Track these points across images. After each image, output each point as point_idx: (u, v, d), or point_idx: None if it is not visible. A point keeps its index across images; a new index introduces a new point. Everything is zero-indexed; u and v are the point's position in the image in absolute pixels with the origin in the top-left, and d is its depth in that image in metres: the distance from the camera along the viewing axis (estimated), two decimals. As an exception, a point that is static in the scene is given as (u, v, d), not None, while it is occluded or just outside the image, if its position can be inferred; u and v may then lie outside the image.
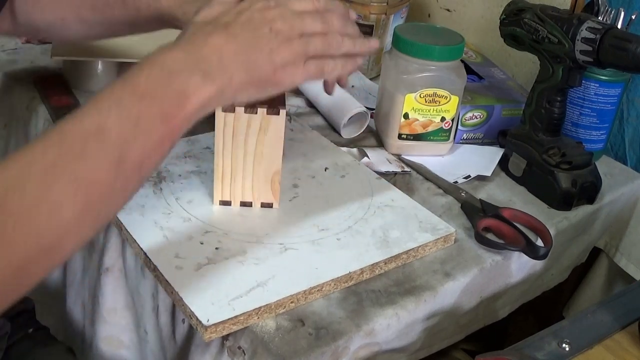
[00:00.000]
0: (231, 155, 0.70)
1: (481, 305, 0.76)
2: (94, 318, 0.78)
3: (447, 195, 0.84)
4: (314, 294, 0.64)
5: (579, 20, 0.79)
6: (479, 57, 1.10)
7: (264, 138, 0.69)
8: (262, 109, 0.67)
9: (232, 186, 0.72)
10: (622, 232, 0.95)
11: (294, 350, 0.59)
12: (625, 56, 0.74)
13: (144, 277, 0.70)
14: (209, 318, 0.58)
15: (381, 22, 1.08)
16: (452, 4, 1.21)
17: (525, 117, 0.88)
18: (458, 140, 0.95)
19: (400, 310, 0.65)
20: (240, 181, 0.72)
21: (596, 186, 0.86)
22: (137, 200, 0.72)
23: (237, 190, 0.72)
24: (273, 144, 0.69)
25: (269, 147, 0.69)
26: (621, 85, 0.90)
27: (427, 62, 0.86)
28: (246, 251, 0.67)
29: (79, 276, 0.82)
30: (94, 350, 0.79)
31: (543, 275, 0.85)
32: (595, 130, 0.93)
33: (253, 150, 0.69)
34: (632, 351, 0.57)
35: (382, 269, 0.69)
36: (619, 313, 0.61)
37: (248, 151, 0.69)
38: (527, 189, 0.87)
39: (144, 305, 0.71)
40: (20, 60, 1.09)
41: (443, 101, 0.87)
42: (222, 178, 0.71)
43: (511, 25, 0.87)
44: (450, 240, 0.74)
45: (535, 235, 0.78)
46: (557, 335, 0.57)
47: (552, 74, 0.84)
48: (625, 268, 0.95)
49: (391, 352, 0.68)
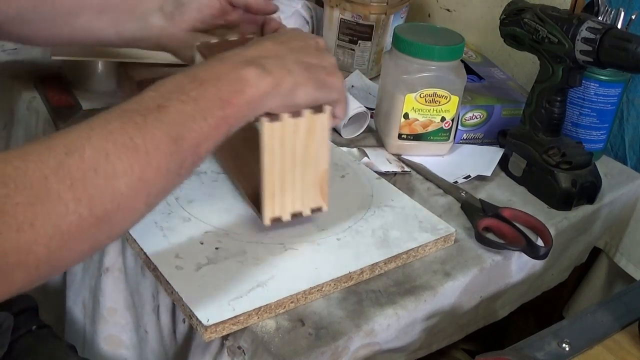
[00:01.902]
0: (280, 168, 0.64)
1: (481, 305, 0.76)
2: (94, 318, 0.78)
3: (447, 195, 0.84)
4: (314, 294, 0.64)
5: (579, 20, 0.79)
6: (479, 57, 1.10)
7: (311, 140, 0.64)
8: (307, 110, 0.63)
9: (282, 200, 0.66)
10: (622, 232, 0.95)
11: (294, 350, 0.59)
12: (625, 56, 0.74)
13: (144, 277, 0.70)
14: (209, 318, 0.58)
15: (381, 22, 1.08)
16: (452, 4, 1.21)
17: (525, 117, 0.88)
18: (458, 140, 0.95)
19: (400, 310, 0.65)
20: (290, 192, 0.66)
21: (596, 186, 0.86)
22: (137, 200, 0.72)
23: (288, 202, 0.67)
24: (320, 144, 0.65)
25: (316, 149, 0.65)
26: (621, 85, 0.90)
27: (427, 62, 0.86)
28: (246, 251, 0.67)
29: (79, 276, 0.82)
30: (95, 350, 0.79)
31: (543, 275, 0.85)
32: (595, 130, 0.93)
33: (302, 156, 0.65)
34: (632, 351, 0.57)
35: (382, 269, 0.69)
36: (619, 313, 0.61)
37: (297, 159, 0.65)
38: (527, 189, 0.87)
39: (144, 305, 0.71)
40: (20, 60, 1.09)
41: (443, 101, 0.87)
42: (273, 195, 0.66)
43: (511, 25, 0.87)
44: (450, 240, 0.74)
45: (535, 235, 0.78)
46: (557, 335, 0.57)
47: (552, 74, 0.84)
48: (625, 268, 0.95)
49: (391, 352, 0.68)
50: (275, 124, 0.61)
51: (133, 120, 0.48)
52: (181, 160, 0.51)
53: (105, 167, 0.46)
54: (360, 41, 1.09)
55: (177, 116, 0.50)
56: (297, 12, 1.19)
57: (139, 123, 0.48)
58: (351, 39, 1.09)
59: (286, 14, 1.18)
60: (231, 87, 0.54)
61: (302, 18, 1.19)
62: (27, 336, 0.74)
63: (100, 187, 0.45)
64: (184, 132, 0.50)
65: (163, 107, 0.50)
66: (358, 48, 1.10)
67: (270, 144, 0.62)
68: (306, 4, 1.20)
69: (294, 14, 1.19)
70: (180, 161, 0.51)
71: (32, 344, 0.73)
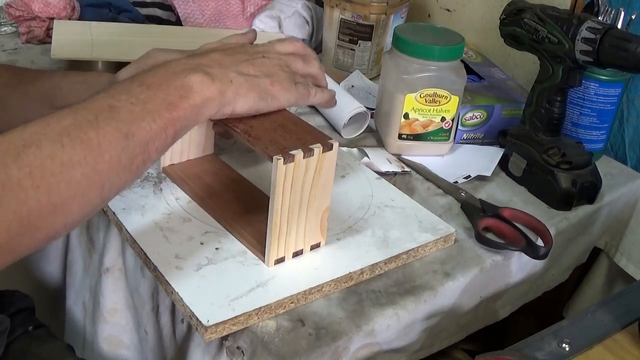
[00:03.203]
0: (289, 209, 0.63)
1: (481, 305, 0.76)
2: (94, 318, 0.78)
3: (447, 195, 0.84)
4: (314, 294, 0.64)
5: (579, 20, 0.79)
6: (479, 57, 1.10)
7: (318, 179, 0.63)
8: (317, 148, 0.61)
9: (287, 241, 0.65)
10: (622, 232, 0.95)
11: (294, 350, 0.59)
12: (625, 56, 0.74)
13: (144, 277, 0.70)
14: (209, 318, 0.58)
15: (381, 22, 1.08)
16: (452, 4, 1.21)
17: (525, 117, 0.88)
18: (458, 140, 0.95)
19: (400, 310, 0.65)
20: (294, 233, 0.65)
21: (596, 186, 0.86)
22: (137, 201, 0.72)
23: (291, 243, 0.66)
24: (326, 182, 0.64)
25: (322, 186, 0.64)
26: (621, 85, 0.90)
27: (427, 62, 0.86)
28: (246, 251, 0.67)
29: (80, 276, 0.82)
30: (95, 350, 0.79)
31: (543, 276, 0.85)
32: (595, 130, 0.93)
33: (308, 195, 0.63)
34: (632, 351, 0.57)
35: (382, 269, 0.69)
36: (619, 313, 0.61)
37: (303, 198, 0.63)
38: (527, 189, 0.87)
39: (144, 305, 0.71)
40: (20, 60, 1.09)
41: (443, 101, 0.87)
42: (279, 237, 0.64)
43: (511, 25, 0.87)
44: (450, 241, 0.74)
45: (535, 235, 0.78)
46: (557, 335, 0.57)
47: (552, 74, 0.84)
48: (625, 268, 0.95)
49: (391, 352, 0.68)
50: (288, 167, 0.60)
51: (86, 118, 0.51)
52: (132, 155, 0.53)
53: (61, 156, 0.49)
54: (360, 41, 1.09)
55: (127, 115, 0.53)
56: (297, 12, 1.19)
57: (91, 120, 0.51)
58: (351, 39, 1.09)
59: (286, 14, 1.19)
60: (177, 92, 0.57)
61: (302, 18, 1.19)
62: (24, 337, 0.74)
63: (57, 175, 0.48)
64: (135, 130, 0.53)
65: (114, 107, 0.53)
66: (358, 48, 1.10)
67: (282, 185, 0.61)
68: (306, 4, 1.20)
69: (294, 14, 1.19)
70: (132, 157, 0.53)
71: (29, 345, 0.73)
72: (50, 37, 1.07)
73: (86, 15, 1.16)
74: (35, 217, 0.48)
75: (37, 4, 1.12)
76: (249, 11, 1.23)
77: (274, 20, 1.19)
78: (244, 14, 1.23)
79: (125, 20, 1.18)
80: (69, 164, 0.49)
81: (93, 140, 0.50)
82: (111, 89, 0.56)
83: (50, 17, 1.13)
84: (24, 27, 1.14)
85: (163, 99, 0.56)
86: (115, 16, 1.18)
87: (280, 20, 1.18)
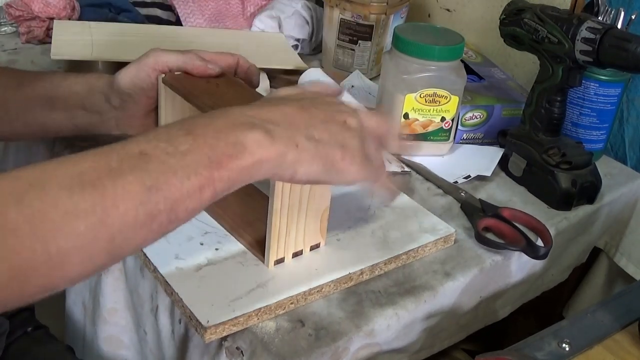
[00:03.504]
0: (288, 210, 0.63)
1: (481, 305, 0.76)
2: (94, 318, 0.78)
3: (447, 196, 0.84)
4: (314, 294, 0.64)
5: (579, 20, 0.79)
6: (479, 57, 1.10)
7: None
8: None
9: (286, 242, 0.65)
10: (622, 232, 0.95)
11: (294, 351, 0.59)
12: (625, 56, 0.74)
13: (144, 278, 0.70)
14: (208, 319, 0.58)
15: (381, 22, 1.08)
16: (452, 4, 1.21)
17: (525, 117, 0.88)
18: (458, 140, 0.95)
19: (400, 310, 0.65)
20: (293, 233, 0.65)
21: (596, 186, 0.86)
22: (137, 201, 0.72)
23: (291, 243, 0.66)
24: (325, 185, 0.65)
25: (321, 187, 0.64)
26: (621, 85, 0.90)
27: (427, 62, 0.86)
28: (246, 252, 0.67)
29: (79, 277, 0.82)
30: (95, 350, 0.79)
31: (543, 275, 0.85)
32: (595, 130, 0.93)
33: (307, 195, 0.63)
34: (632, 351, 0.57)
35: (382, 270, 0.69)
36: (619, 313, 0.61)
37: (303, 199, 0.63)
38: (527, 189, 0.87)
39: (144, 305, 0.71)
40: (20, 60, 1.09)
41: (443, 101, 0.87)
42: (278, 237, 0.64)
43: (511, 25, 0.87)
44: (450, 241, 0.74)
45: (535, 235, 0.78)
46: (557, 335, 0.57)
47: (552, 74, 0.83)
48: (625, 268, 0.95)
49: (391, 352, 0.68)
50: None
51: (108, 163, 0.45)
52: (153, 212, 0.46)
53: (65, 204, 0.43)
54: (360, 41, 1.09)
55: (157, 166, 0.46)
56: (297, 12, 1.19)
57: (114, 167, 0.45)
58: (351, 39, 1.09)
59: (286, 14, 1.19)
60: (227, 149, 0.49)
61: (302, 18, 1.19)
62: (24, 338, 0.74)
63: (57, 223, 0.43)
64: (161, 184, 0.46)
65: (145, 155, 0.46)
66: (358, 48, 1.10)
67: (281, 186, 0.60)
68: (306, 4, 1.20)
69: (294, 14, 1.19)
70: (153, 213, 0.46)
71: (28, 346, 0.73)
72: (50, 37, 1.07)
73: (86, 15, 1.16)
74: (30, 266, 0.42)
75: (37, 4, 1.12)
76: (249, 11, 1.23)
77: (274, 20, 1.19)
78: (244, 14, 1.23)
79: (125, 21, 1.18)
80: (74, 212, 0.43)
81: (108, 189, 0.44)
82: (152, 132, 0.49)
83: (50, 17, 1.13)
84: (24, 27, 1.14)
85: (206, 154, 0.48)
86: (115, 16, 1.18)
87: (280, 20, 1.18)
